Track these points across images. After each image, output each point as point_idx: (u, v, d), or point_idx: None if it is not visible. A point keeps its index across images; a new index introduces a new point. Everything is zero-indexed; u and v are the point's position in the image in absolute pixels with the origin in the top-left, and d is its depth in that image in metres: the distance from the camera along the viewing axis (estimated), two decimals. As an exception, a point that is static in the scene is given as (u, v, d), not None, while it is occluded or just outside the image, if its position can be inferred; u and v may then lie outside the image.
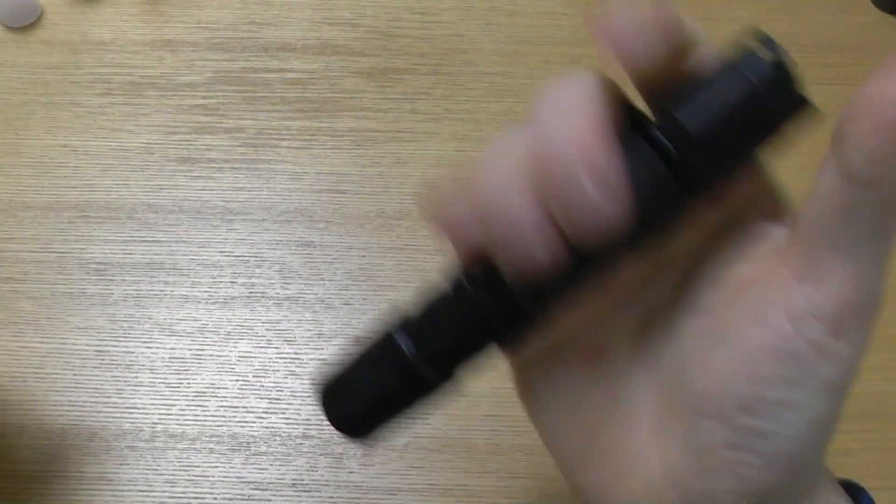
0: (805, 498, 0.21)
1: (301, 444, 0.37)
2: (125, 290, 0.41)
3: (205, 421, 0.38)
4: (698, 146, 0.18)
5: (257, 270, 0.42)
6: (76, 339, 0.40)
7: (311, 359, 0.39)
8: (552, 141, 0.18)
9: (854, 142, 0.17)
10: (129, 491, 0.36)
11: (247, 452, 0.37)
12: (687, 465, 0.21)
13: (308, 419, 0.38)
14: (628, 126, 0.19)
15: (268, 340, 0.40)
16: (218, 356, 0.40)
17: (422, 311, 0.23)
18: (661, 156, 0.19)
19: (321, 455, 0.37)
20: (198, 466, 0.37)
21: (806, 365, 0.19)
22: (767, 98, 0.19)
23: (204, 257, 0.42)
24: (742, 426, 0.19)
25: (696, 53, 0.20)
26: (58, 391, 0.38)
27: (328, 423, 0.24)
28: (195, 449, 0.37)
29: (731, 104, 0.19)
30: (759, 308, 0.19)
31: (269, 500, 0.36)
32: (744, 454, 0.20)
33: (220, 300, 0.41)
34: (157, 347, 0.40)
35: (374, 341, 0.23)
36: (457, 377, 0.24)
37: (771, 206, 0.21)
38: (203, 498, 0.36)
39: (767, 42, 0.19)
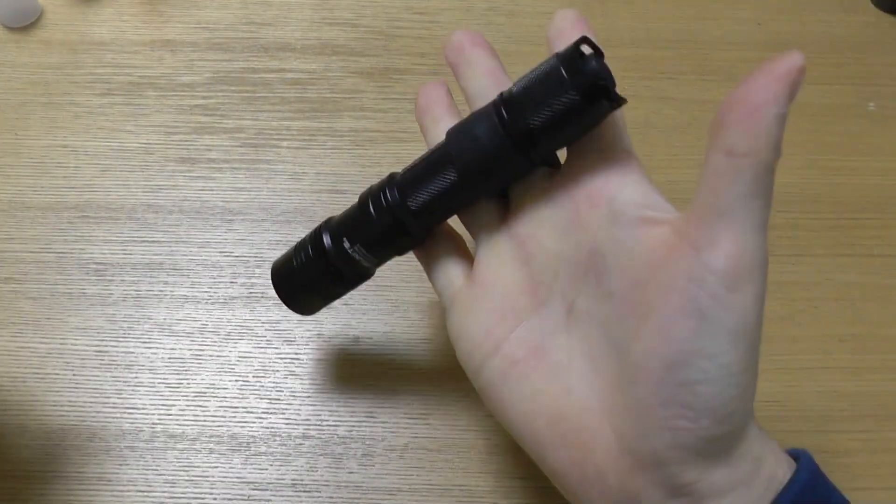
0: (735, 447, 0.24)
1: (301, 444, 0.37)
2: (125, 290, 0.41)
3: (204, 421, 0.38)
4: (532, 130, 0.26)
5: (257, 270, 0.42)
6: (76, 339, 0.40)
7: (311, 359, 0.39)
8: None
9: (733, 125, 0.22)
10: (128, 491, 0.36)
11: (247, 453, 0.37)
12: (632, 432, 0.24)
13: (308, 419, 0.38)
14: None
15: (268, 340, 0.40)
16: (218, 356, 0.39)
17: (341, 219, 0.31)
18: (502, 124, 0.26)
19: (321, 455, 0.37)
20: (197, 467, 0.37)
21: (710, 316, 0.22)
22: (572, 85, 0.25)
23: (204, 257, 0.42)
24: (668, 382, 0.23)
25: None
26: (57, 391, 0.38)
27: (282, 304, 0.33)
28: (195, 449, 0.37)
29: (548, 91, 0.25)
30: (668, 280, 0.23)
31: (269, 501, 0.36)
32: (675, 409, 0.23)
33: (220, 300, 0.41)
34: (157, 348, 0.40)
35: (308, 236, 0.32)
36: (362, 268, 0.31)
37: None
38: (203, 498, 0.36)
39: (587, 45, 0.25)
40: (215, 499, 0.36)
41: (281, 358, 0.40)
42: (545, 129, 0.25)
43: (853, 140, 0.46)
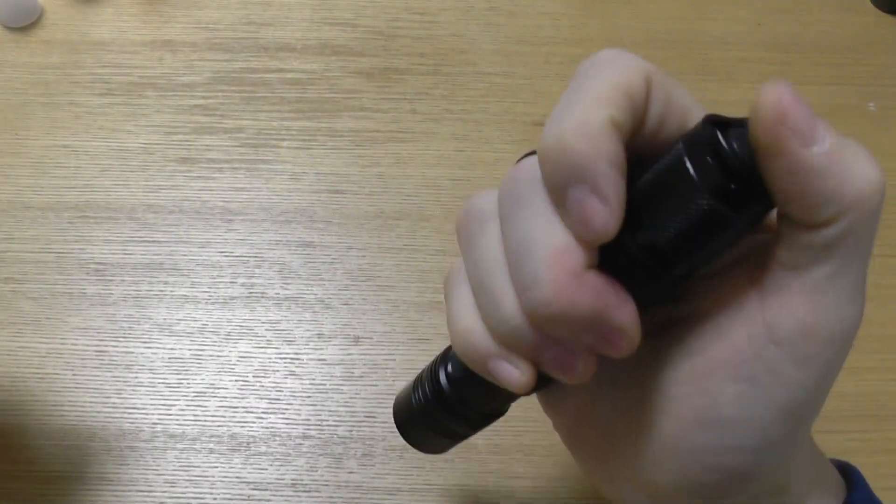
0: (768, 493, 0.21)
1: (301, 444, 0.37)
2: (125, 290, 0.41)
3: (204, 421, 0.38)
4: (672, 270, 0.18)
5: (257, 271, 0.42)
6: (76, 339, 0.40)
7: (311, 359, 0.39)
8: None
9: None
10: (128, 491, 0.36)
11: (246, 452, 0.37)
12: (648, 467, 0.21)
13: (308, 419, 0.38)
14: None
15: (268, 340, 0.40)
16: (218, 356, 0.39)
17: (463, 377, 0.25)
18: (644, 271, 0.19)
19: (321, 455, 0.37)
20: (197, 466, 0.37)
21: (762, 388, 0.18)
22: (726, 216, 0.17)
23: (204, 258, 0.42)
24: (697, 437, 0.19)
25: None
26: (57, 391, 0.38)
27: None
28: (195, 449, 0.37)
29: (693, 223, 0.17)
30: (724, 323, 0.19)
31: (269, 501, 0.36)
32: (699, 467, 0.20)
33: (220, 300, 0.41)
34: (157, 348, 0.40)
35: (427, 382, 0.26)
36: (489, 420, 0.26)
37: None
38: (203, 498, 0.36)
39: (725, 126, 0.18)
40: (215, 499, 0.36)
41: (281, 358, 0.40)
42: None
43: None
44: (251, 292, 0.41)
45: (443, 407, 0.25)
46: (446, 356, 0.26)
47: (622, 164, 0.17)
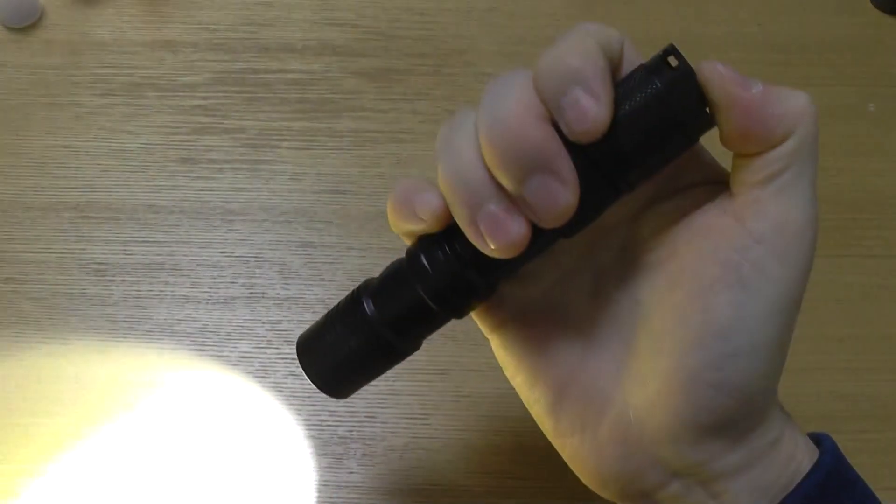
0: (753, 429, 0.23)
1: (301, 444, 0.37)
2: (125, 290, 0.41)
3: (205, 421, 0.38)
4: (623, 162, 0.22)
5: (258, 271, 0.42)
6: (76, 339, 0.40)
7: (312, 359, 0.40)
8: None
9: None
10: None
11: (247, 453, 0.37)
12: (646, 403, 0.23)
13: (308, 419, 0.38)
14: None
15: (268, 341, 0.40)
16: (218, 357, 0.40)
17: (384, 279, 0.26)
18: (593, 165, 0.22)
19: (321, 455, 0.37)
20: (198, 467, 0.37)
21: (752, 288, 0.21)
22: (674, 106, 0.21)
23: (204, 258, 0.42)
24: (695, 355, 0.22)
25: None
26: (58, 392, 0.38)
27: (308, 379, 0.27)
28: (195, 449, 0.37)
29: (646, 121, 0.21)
30: (707, 250, 0.22)
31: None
32: (698, 385, 0.22)
33: (221, 301, 0.41)
34: (158, 348, 0.40)
35: (343, 303, 0.27)
36: (416, 341, 0.26)
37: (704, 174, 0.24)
38: (203, 498, 0.36)
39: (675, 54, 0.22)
40: (216, 499, 0.36)
41: (281, 358, 0.40)
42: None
43: (853, 140, 0.46)
44: (252, 292, 0.41)
45: (364, 332, 0.26)
46: (368, 285, 0.26)
47: (610, 76, 0.21)
